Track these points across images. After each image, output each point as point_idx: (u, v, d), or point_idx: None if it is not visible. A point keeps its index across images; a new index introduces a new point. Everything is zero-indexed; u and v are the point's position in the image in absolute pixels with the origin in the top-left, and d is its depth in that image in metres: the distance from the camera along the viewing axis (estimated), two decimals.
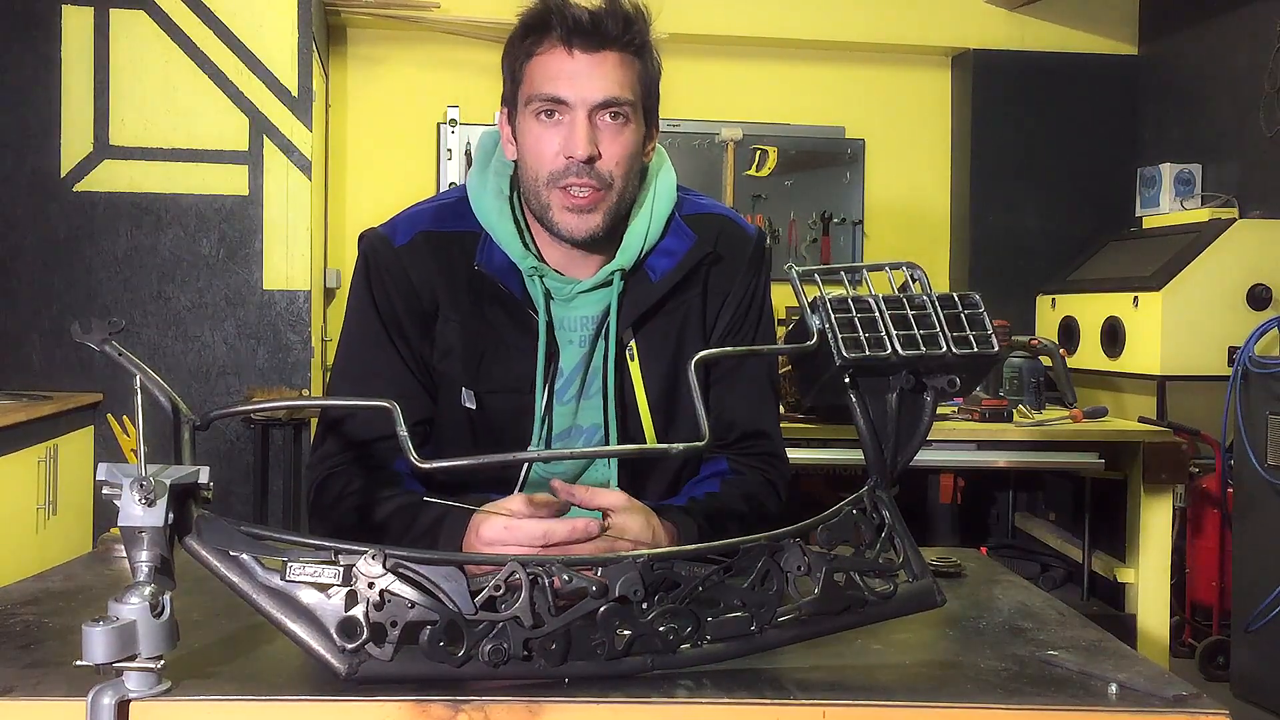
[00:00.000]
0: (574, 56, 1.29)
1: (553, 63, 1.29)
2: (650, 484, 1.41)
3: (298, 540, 0.89)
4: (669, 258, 1.39)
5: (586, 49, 1.29)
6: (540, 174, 1.31)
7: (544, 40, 1.30)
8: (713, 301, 1.43)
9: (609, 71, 1.29)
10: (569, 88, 1.28)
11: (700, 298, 1.42)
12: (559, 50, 1.29)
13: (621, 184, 1.32)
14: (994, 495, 4.45)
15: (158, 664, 0.82)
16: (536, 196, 1.32)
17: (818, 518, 0.98)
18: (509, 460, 1.35)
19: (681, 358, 1.40)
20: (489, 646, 0.86)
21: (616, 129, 1.30)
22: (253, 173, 3.74)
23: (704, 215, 1.43)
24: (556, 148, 1.29)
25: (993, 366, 1.01)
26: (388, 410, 0.91)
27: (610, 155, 1.30)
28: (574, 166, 1.28)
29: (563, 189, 1.30)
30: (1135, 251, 4.36)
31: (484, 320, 1.37)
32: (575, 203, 1.30)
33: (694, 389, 0.95)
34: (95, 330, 0.93)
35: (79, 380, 3.56)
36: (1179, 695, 0.88)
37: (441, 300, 1.38)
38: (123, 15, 3.66)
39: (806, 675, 0.93)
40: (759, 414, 1.44)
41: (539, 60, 1.30)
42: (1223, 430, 3.56)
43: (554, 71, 1.29)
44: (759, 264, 1.45)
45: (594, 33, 1.28)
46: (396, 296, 1.37)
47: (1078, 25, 4.86)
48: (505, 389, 1.37)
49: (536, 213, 1.34)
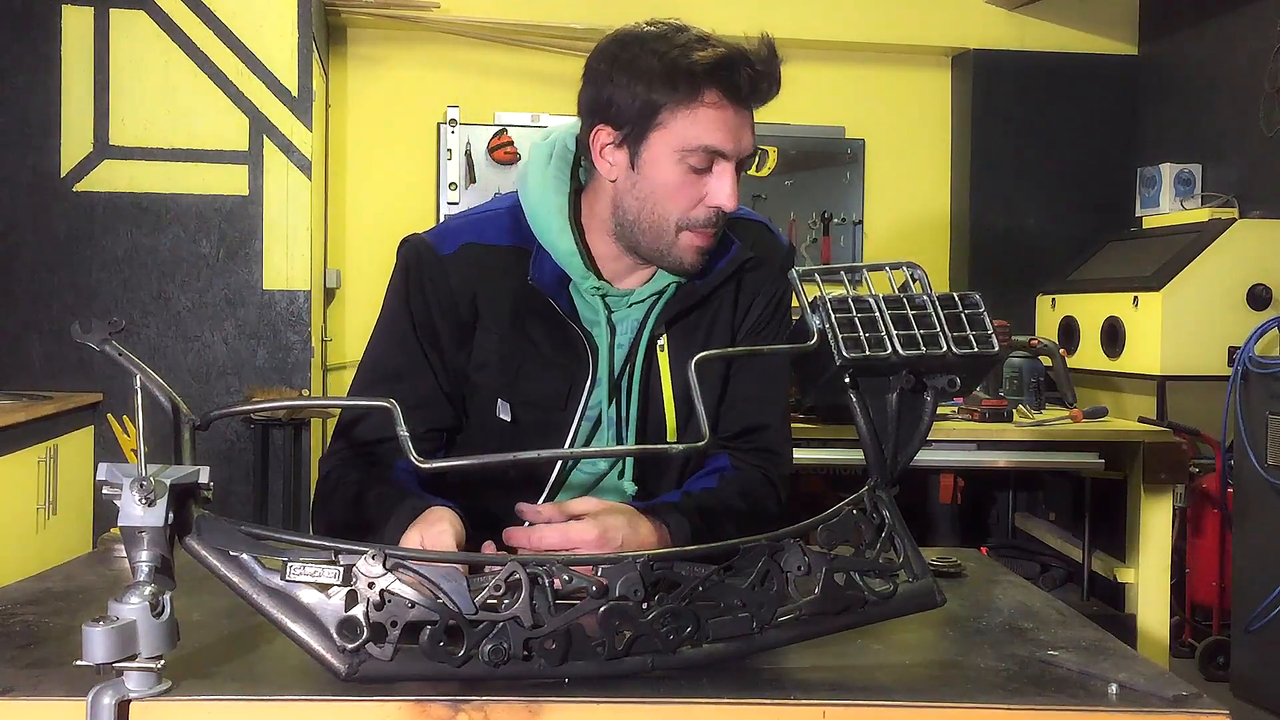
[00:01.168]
0: (734, 111, 1.31)
1: (714, 116, 1.30)
2: (663, 478, 1.44)
3: (298, 540, 0.89)
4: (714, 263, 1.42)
5: (745, 107, 1.32)
6: (672, 215, 1.32)
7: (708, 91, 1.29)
8: (744, 301, 1.46)
9: (751, 126, 1.34)
10: (730, 141, 1.30)
11: (733, 296, 1.45)
12: (727, 108, 1.30)
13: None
14: (994, 495, 4.45)
15: (158, 664, 0.83)
16: (657, 233, 1.34)
17: (818, 518, 0.98)
18: (509, 460, 1.35)
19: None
20: (489, 646, 0.86)
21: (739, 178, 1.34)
22: (253, 173, 3.74)
23: (744, 221, 1.47)
24: (701, 196, 1.31)
25: (993, 366, 1.01)
26: (388, 410, 0.92)
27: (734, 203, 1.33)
28: (715, 215, 1.32)
29: (695, 231, 1.33)
30: (1135, 251, 4.36)
31: (525, 334, 1.38)
32: (707, 243, 1.34)
33: (694, 389, 0.95)
34: (95, 330, 0.93)
35: (79, 380, 3.56)
36: (1179, 695, 0.88)
37: (482, 312, 1.38)
38: (123, 15, 3.66)
39: (806, 675, 0.93)
40: (762, 408, 1.46)
41: (706, 113, 1.29)
42: (1223, 430, 3.56)
43: (717, 124, 1.30)
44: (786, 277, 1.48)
45: (756, 94, 1.31)
46: (435, 304, 1.38)
47: (1078, 25, 4.86)
48: (541, 404, 1.39)
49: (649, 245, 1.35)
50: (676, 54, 1.29)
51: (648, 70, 1.29)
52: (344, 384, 4.46)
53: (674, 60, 1.28)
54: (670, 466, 1.44)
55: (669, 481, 1.44)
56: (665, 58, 1.29)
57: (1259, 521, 3.38)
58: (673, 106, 1.29)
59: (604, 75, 1.33)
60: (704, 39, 1.31)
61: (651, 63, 1.29)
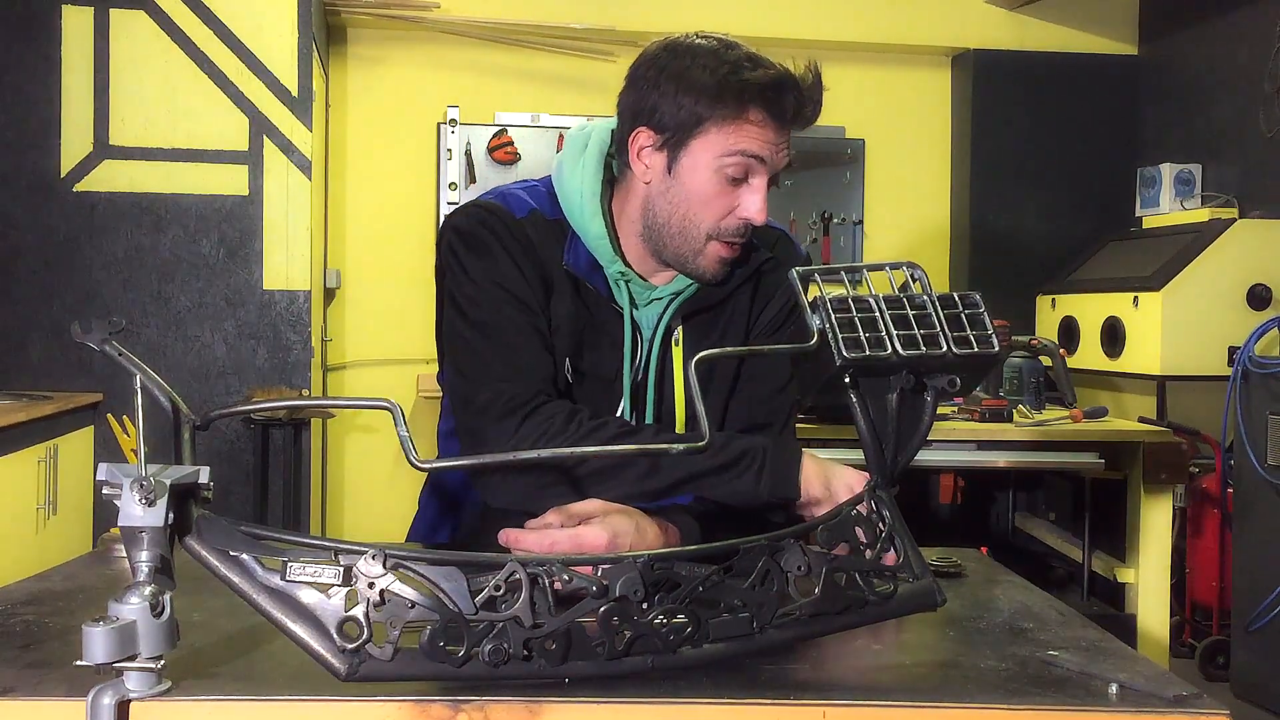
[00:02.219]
0: (778, 131, 1.34)
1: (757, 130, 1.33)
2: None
3: (298, 540, 0.89)
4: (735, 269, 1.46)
5: (784, 125, 1.35)
6: (704, 224, 1.36)
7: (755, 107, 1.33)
8: (759, 302, 1.50)
9: (788, 142, 1.37)
10: (769, 154, 1.34)
11: (750, 296, 1.49)
12: (771, 126, 1.34)
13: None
14: (994, 495, 4.45)
15: (158, 664, 0.82)
16: (685, 239, 1.37)
17: (818, 518, 0.98)
18: (509, 460, 1.35)
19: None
20: (489, 646, 0.86)
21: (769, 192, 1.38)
22: (253, 173, 3.74)
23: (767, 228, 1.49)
24: (732, 207, 1.35)
25: (993, 366, 1.01)
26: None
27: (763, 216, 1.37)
28: (745, 228, 1.36)
29: (724, 242, 1.37)
30: (1135, 251, 4.36)
31: (584, 305, 1.42)
32: (733, 254, 1.38)
33: (694, 389, 0.95)
34: (95, 330, 0.92)
35: (79, 380, 3.56)
36: (1179, 695, 0.88)
37: (555, 276, 1.40)
38: (123, 15, 3.66)
39: (806, 675, 0.93)
40: (769, 407, 1.49)
41: (752, 129, 1.33)
42: (1223, 430, 3.56)
43: (758, 138, 1.33)
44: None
45: (798, 117, 1.35)
46: (524, 262, 1.38)
47: (1078, 25, 4.86)
48: (595, 375, 1.43)
49: (675, 251, 1.39)
50: (727, 70, 1.32)
51: (698, 83, 1.33)
52: (344, 384, 4.47)
53: (724, 76, 1.32)
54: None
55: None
56: (716, 73, 1.32)
57: (1259, 521, 3.38)
58: (719, 120, 1.33)
59: (651, 81, 1.36)
60: (754, 58, 1.35)
61: (702, 76, 1.33)
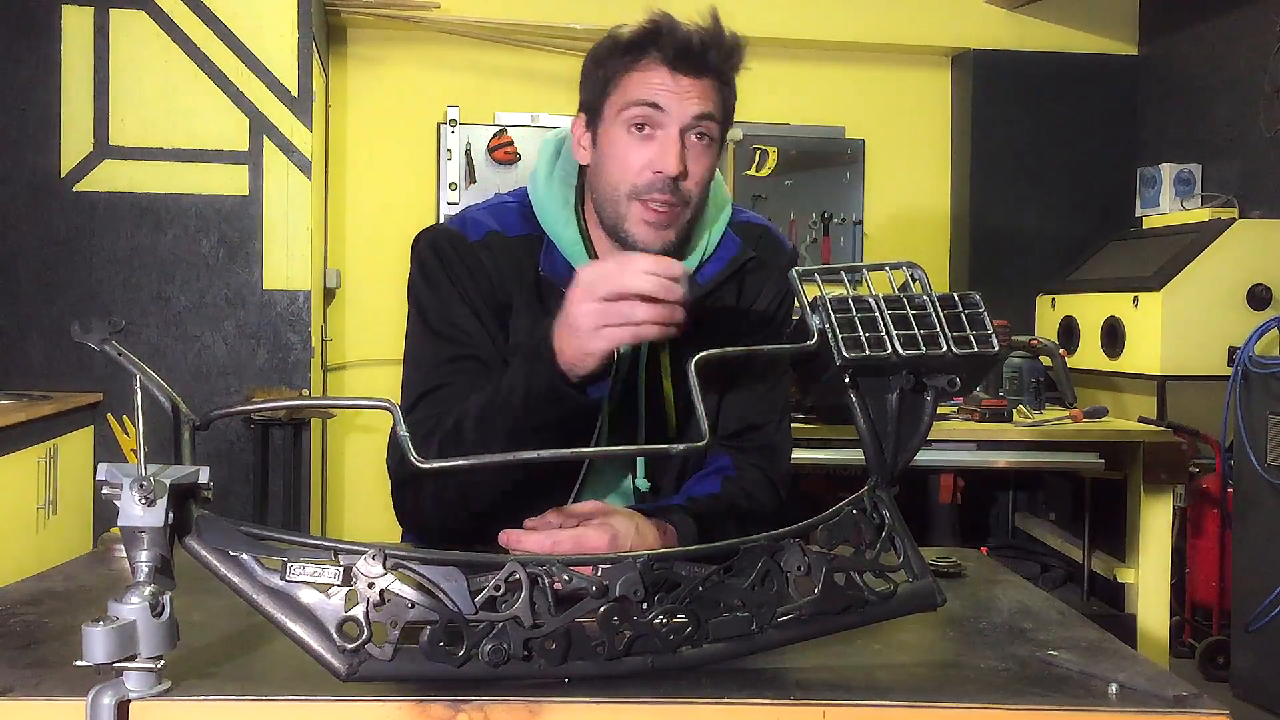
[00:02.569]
0: (675, 78, 1.32)
1: (653, 78, 1.32)
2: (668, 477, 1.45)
3: (298, 540, 0.89)
4: (717, 263, 1.45)
5: (688, 72, 1.32)
6: (623, 185, 1.33)
7: (646, 57, 1.32)
8: (745, 302, 1.48)
9: (704, 94, 1.32)
10: (667, 100, 1.31)
11: (735, 296, 1.47)
12: (662, 70, 1.32)
13: (698, 202, 1.36)
14: (994, 495, 4.45)
15: (158, 664, 0.82)
16: (614, 205, 1.35)
17: (818, 518, 0.98)
18: (510, 460, 1.35)
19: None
20: (489, 646, 0.86)
21: (702, 149, 1.34)
22: (253, 173, 3.74)
23: (750, 224, 1.50)
24: (644, 162, 1.32)
25: (993, 366, 1.01)
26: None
27: (694, 175, 1.33)
28: (660, 182, 1.32)
29: (643, 202, 1.33)
30: (1135, 251, 4.36)
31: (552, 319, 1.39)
32: (655, 217, 1.33)
33: (694, 389, 0.95)
34: (95, 330, 0.92)
35: (79, 380, 3.56)
36: (1179, 695, 0.88)
37: (513, 297, 1.40)
38: (123, 15, 3.66)
39: (806, 675, 0.93)
40: (762, 406, 1.47)
41: (639, 75, 1.33)
42: (1223, 430, 3.56)
43: (654, 85, 1.32)
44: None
45: (698, 60, 1.31)
46: (473, 287, 1.39)
47: (1078, 25, 4.86)
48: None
49: (609, 221, 1.37)
50: (624, 31, 1.35)
51: (601, 52, 1.36)
52: (344, 384, 4.47)
53: (619, 35, 1.35)
54: (673, 465, 1.45)
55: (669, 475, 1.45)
56: (615, 36, 1.35)
57: (1259, 521, 3.38)
58: (618, 80, 1.34)
59: (582, 74, 1.40)
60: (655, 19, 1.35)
61: (604, 45, 1.36)
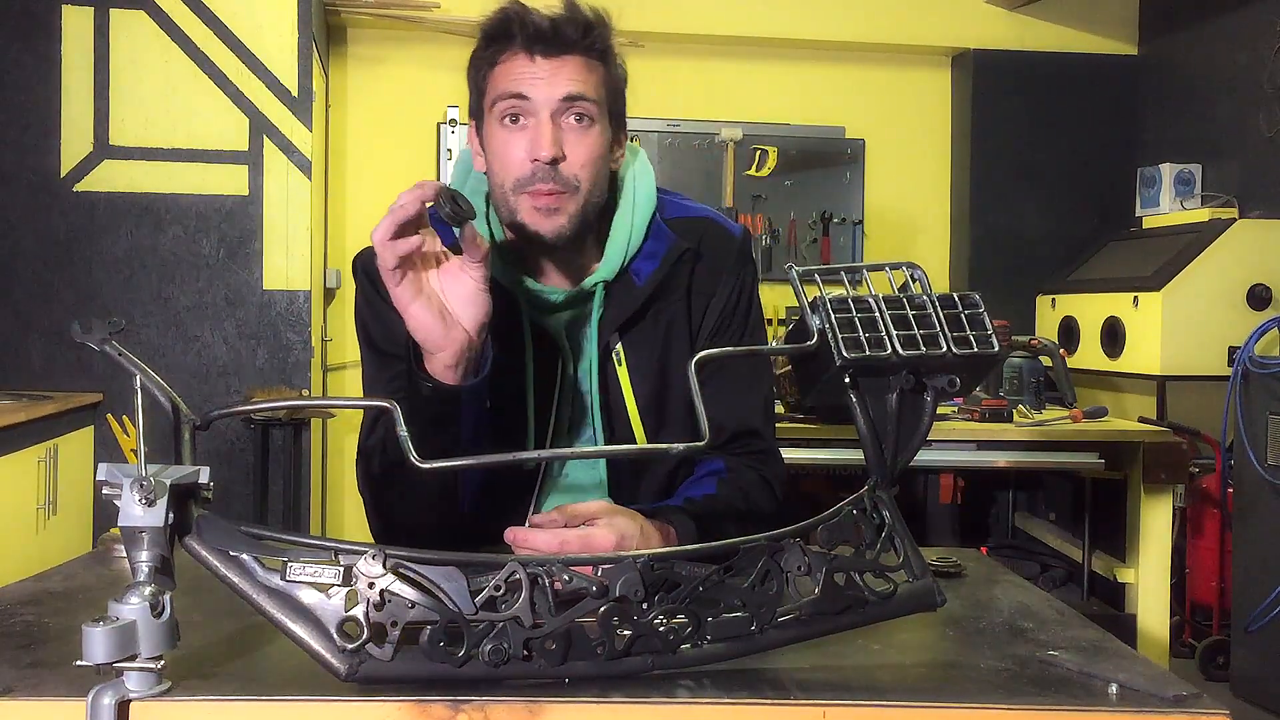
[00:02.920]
0: (535, 62, 1.30)
1: (515, 68, 1.30)
2: (643, 487, 1.41)
3: (298, 540, 0.89)
4: (652, 260, 1.40)
5: (548, 54, 1.30)
6: (507, 180, 1.31)
7: (506, 48, 1.31)
8: (697, 303, 1.43)
9: (571, 73, 1.30)
10: (531, 87, 1.29)
11: (685, 300, 1.42)
12: (521, 56, 1.30)
13: (588, 186, 1.32)
14: (994, 495, 4.45)
15: (158, 664, 0.82)
16: (505, 202, 1.33)
17: (818, 518, 0.98)
18: (509, 461, 1.35)
19: (669, 361, 1.41)
20: (489, 646, 0.86)
21: (581, 131, 1.31)
22: (253, 173, 3.74)
23: (688, 219, 1.44)
24: (522, 153, 1.29)
25: (993, 366, 1.01)
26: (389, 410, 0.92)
27: (575, 157, 1.30)
28: (540, 170, 1.29)
29: (529, 193, 1.30)
30: (1135, 251, 4.36)
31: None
32: (542, 203, 1.30)
33: (694, 389, 0.95)
34: (95, 330, 0.92)
35: (79, 380, 3.56)
36: (1179, 695, 0.88)
37: None
38: (123, 15, 3.66)
39: (806, 675, 0.93)
40: (748, 414, 1.44)
41: (502, 67, 1.31)
42: (1223, 430, 3.56)
43: (516, 74, 1.30)
44: (744, 264, 1.46)
45: (555, 38, 1.29)
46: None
47: (1078, 25, 4.86)
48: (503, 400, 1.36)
49: (506, 220, 1.34)
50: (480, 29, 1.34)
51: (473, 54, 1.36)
52: (344, 384, 4.46)
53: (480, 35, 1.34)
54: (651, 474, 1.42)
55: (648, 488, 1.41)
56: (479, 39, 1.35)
57: (1259, 521, 3.38)
58: (484, 79, 1.33)
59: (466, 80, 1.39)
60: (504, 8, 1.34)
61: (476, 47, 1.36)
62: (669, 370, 1.41)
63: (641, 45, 4.57)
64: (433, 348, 1.18)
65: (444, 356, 1.18)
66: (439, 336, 1.17)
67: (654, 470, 1.43)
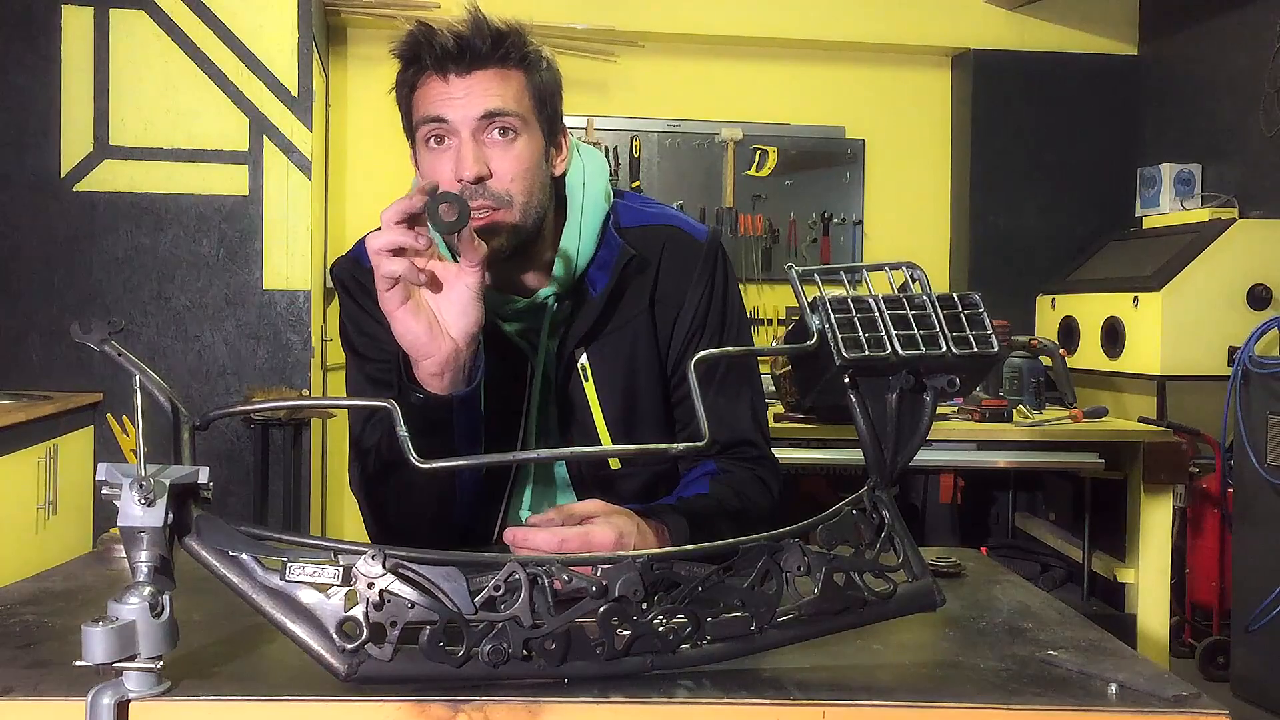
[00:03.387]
0: (450, 81, 1.28)
1: (431, 90, 1.29)
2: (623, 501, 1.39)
3: (297, 540, 0.89)
4: (604, 270, 1.37)
5: (460, 72, 1.28)
6: None
7: (420, 72, 1.31)
8: (664, 314, 1.41)
9: (487, 87, 1.28)
10: (448, 109, 1.28)
11: (648, 312, 1.40)
12: (434, 78, 1.29)
13: (523, 199, 1.30)
14: (994, 495, 4.45)
15: (158, 664, 0.82)
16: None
17: (818, 518, 0.98)
18: (508, 460, 1.35)
19: (636, 375, 1.39)
20: (489, 646, 0.86)
21: (505, 145, 1.29)
22: (253, 173, 3.74)
23: (648, 227, 1.41)
24: (449, 174, 1.28)
25: (993, 366, 1.01)
26: (389, 410, 0.92)
27: (502, 172, 1.28)
28: (468, 189, 1.26)
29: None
30: (1135, 251, 4.36)
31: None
32: (478, 224, 1.26)
33: (694, 389, 0.95)
34: (95, 330, 0.92)
35: (79, 380, 3.56)
36: (1179, 695, 0.88)
37: None
38: (123, 15, 3.66)
39: (806, 675, 0.93)
40: (738, 423, 1.42)
41: (420, 91, 1.31)
42: (1223, 430, 3.56)
43: (433, 97, 1.29)
44: (712, 268, 1.42)
45: (463, 55, 1.28)
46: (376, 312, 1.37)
47: (1078, 25, 4.87)
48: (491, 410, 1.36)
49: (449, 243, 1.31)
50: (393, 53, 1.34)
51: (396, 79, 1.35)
52: (344, 384, 4.46)
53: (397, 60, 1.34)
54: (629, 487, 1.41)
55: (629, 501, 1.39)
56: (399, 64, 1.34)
57: (1259, 521, 3.38)
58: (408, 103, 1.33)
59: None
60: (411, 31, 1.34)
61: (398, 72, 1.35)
62: (636, 383, 1.39)
63: (641, 45, 4.58)
64: (419, 355, 1.18)
65: (429, 364, 1.18)
66: (425, 344, 1.17)
67: (632, 486, 1.41)
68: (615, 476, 1.41)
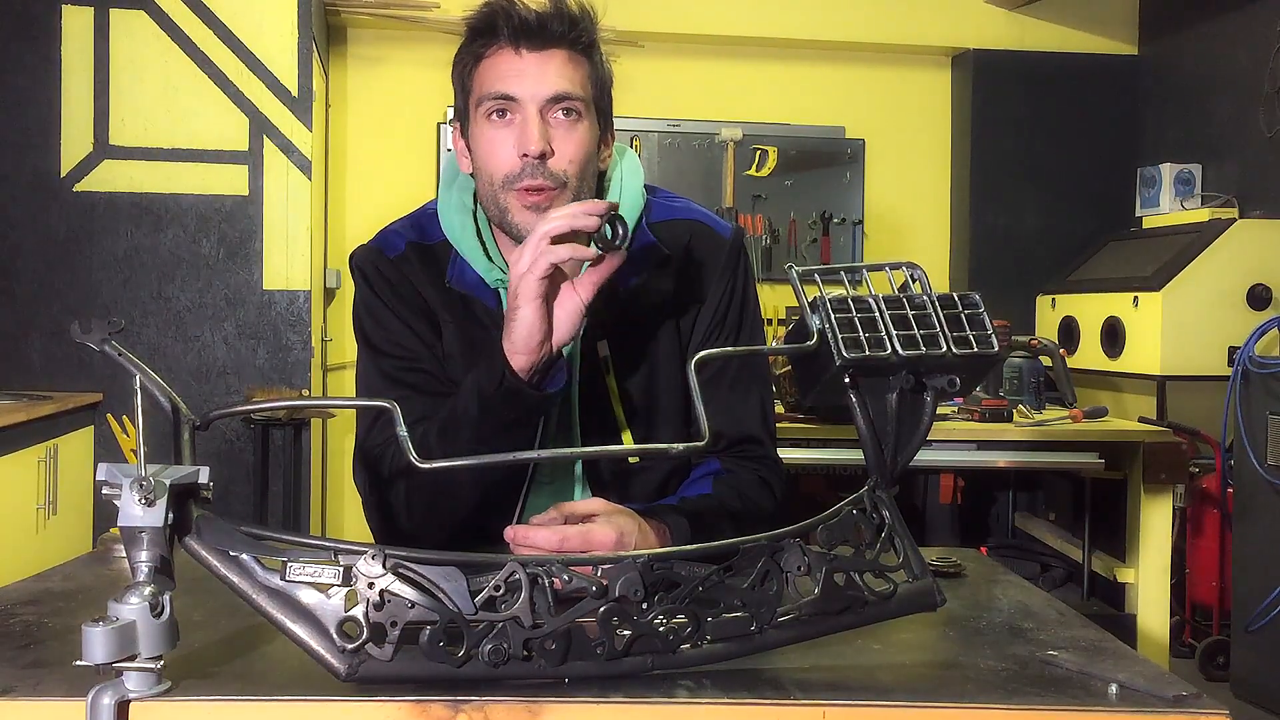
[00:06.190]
0: (522, 56, 1.29)
1: (501, 63, 1.29)
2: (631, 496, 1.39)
3: (298, 540, 0.89)
4: (634, 265, 1.37)
5: (534, 48, 1.29)
6: (496, 177, 1.30)
7: (491, 43, 1.30)
8: (687, 309, 1.41)
9: (558, 68, 1.29)
10: (518, 84, 1.28)
11: (672, 306, 1.40)
12: (507, 51, 1.29)
13: (576, 183, 1.31)
14: (994, 495, 4.45)
15: (158, 664, 0.82)
16: (494, 201, 1.32)
17: (818, 518, 0.98)
18: (509, 460, 1.34)
19: (657, 368, 1.40)
20: (489, 646, 0.86)
21: (569, 126, 1.30)
22: (253, 173, 3.74)
23: (674, 221, 1.42)
24: (510, 148, 1.28)
25: (993, 366, 1.01)
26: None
27: (564, 153, 1.29)
28: (528, 166, 1.27)
29: (518, 190, 1.29)
30: (1135, 251, 4.36)
31: (476, 326, 1.37)
32: (532, 200, 1.28)
33: (693, 389, 0.95)
34: (95, 330, 0.93)
35: (79, 380, 3.56)
36: (1179, 695, 0.88)
37: (436, 306, 1.38)
38: (123, 15, 3.66)
39: (806, 675, 0.93)
40: (746, 420, 1.42)
41: (487, 63, 1.31)
42: (1223, 430, 3.56)
43: (503, 70, 1.29)
44: (735, 264, 1.44)
45: (540, 32, 1.28)
46: (402, 303, 1.38)
47: (1078, 25, 4.87)
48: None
49: (496, 219, 1.34)
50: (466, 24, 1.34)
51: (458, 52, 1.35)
52: (344, 384, 4.46)
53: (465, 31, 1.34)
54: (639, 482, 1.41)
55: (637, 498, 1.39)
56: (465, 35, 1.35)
57: (1259, 521, 3.38)
58: (471, 75, 1.33)
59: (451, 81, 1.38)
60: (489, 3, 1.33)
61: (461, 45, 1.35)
62: (657, 376, 1.40)
63: (641, 45, 4.57)
64: (521, 350, 1.19)
65: (521, 360, 1.19)
66: (537, 343, 1.19)
67: (642, 480, 1.41)
68: (631, 471, 1.42)
